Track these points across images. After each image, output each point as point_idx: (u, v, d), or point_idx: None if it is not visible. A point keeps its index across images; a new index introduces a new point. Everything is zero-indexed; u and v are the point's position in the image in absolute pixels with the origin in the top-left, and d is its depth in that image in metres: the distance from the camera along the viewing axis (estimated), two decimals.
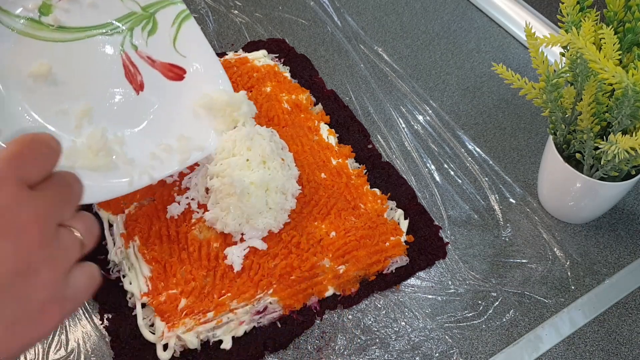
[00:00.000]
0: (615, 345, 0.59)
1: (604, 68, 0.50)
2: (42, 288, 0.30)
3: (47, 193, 0.31)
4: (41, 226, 0.29)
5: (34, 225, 0.29)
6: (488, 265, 0.64)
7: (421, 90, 0.82)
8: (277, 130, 0.72)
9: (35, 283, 0.29)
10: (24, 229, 0.29)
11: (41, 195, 0.30)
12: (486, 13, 0.94)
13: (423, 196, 0.70)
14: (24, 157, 0.30)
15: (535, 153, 0.75)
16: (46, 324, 0.30)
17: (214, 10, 0.92)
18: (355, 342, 0.58)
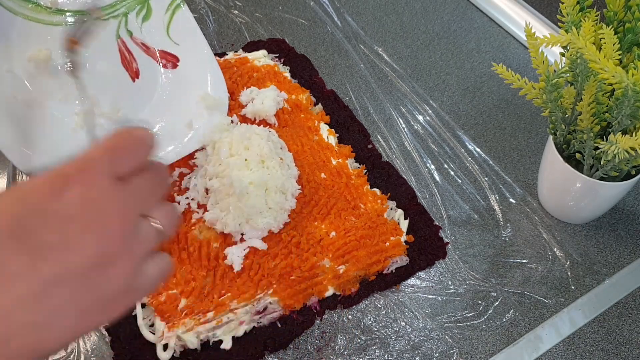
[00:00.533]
0: (615, 345, 0.59)
1: (604, 68, 0.50)
2: (117, 279, 0.30)
3: (135, 186, 0.31)
4: (125, 220, 0.30)
5: (118, 219, 0.30)
6: (488, 265, 0.64)
7: (421, 90, 0.82)
8: (277, 131, 0.72)
9: (111, 274, 0.30)
10: (108, 223, 0.30)
11: (130, 188, 0.31)
12: (486, 13, 0.94)
13: (423, 196, 0.70)
14: (118, 151, 0.31)
15: (535, 153, 0.75)
16: (113, 312, 0.31)
17: (214, 10, 0.92)
18: (355, 342, 0.58)
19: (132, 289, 0.32)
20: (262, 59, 0.81)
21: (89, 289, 0.30)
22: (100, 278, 0.30)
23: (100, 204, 0.29)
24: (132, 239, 0.31)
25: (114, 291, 0.31)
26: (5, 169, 0.70)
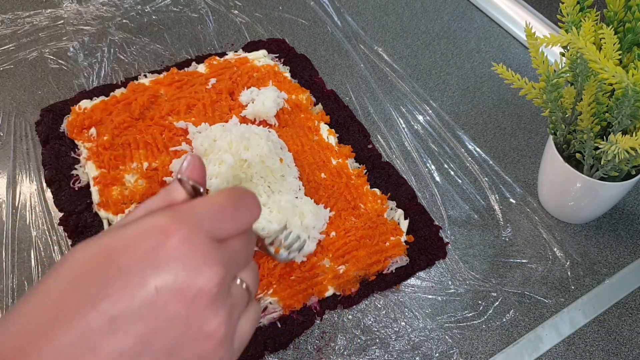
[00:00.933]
0: (615, 345, 0.59)
1: (604, 68, 0.50)
2: (210, 351, 0.28)
3: (232, 247, 0.29)
4: (220, 287, 0.28)
5: (212, 286, 0.27)
6: (488, 265, 0.64)
7: (421, 90, 0.82)
8: (277, 131, 0.72)
9: (203, 345, 0.28)
10: (202, 292, 0.27)
11: (227, 250, 0.29)
12: (486, 13, 0.94)
13: (423, 196, 0.70)
14: (228, 213, 0.29)
15: (535, 153, 0.75)
16: None
17: (214, 10, 0.92)
18: (355, 342, 0.58)
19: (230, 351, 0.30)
20: (262, 59, 0.81)
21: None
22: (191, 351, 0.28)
23: (196, 266, 0.27)
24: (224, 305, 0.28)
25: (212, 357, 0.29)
26: (6, 169, 0.70)
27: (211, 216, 0.28)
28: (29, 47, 0.84)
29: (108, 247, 0.27)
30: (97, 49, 0.84)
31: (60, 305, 0.26)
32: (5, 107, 0.76)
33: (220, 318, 0.28)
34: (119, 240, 0.27)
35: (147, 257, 0.26)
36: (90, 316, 0.25)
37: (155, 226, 0.26)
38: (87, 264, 0.26)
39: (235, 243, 0.30)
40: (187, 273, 0.26)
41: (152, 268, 0.26)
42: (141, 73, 0.80)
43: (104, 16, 0.89)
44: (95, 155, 0.68)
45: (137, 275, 0.26)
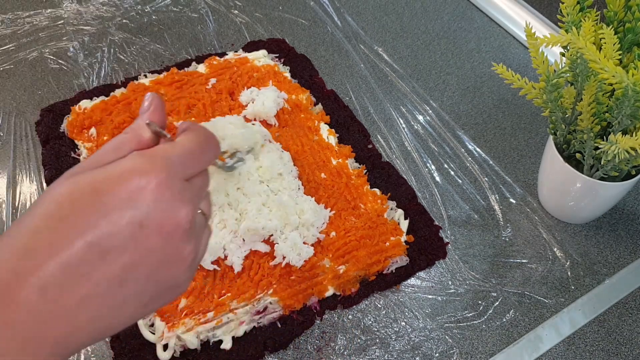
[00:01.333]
0: (615, 345, 0.59)
1: (604, 68, 0.50)
2: (182, 273, 0.32)
3: (197, 185, 0.33)
4: (191, 222, 0.31)
5: (185, 222, 0.31)
6: (488, 265, 0.64)
7: (421, 90, 0.82)
8: (277, 131, 0.72)
9: (176, 269, 0.31)
10: (177, 227, 0.31)
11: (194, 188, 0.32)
12: (486, 13, 0.94)
13: (423, 196, 0.70)
14: (196, 157, 0.33)
15: (535, 153, 0.75)
16: (175, 296, 0.33)
17: (214, 10, 0.92)
18: (355, 342, 0.58)
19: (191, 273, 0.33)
20: (262, 59, 0.81)
21: (154, 286, 0.31)
22: (165, 275, 0.31)
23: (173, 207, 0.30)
24: (194, 236, 0.32)
25: (179, 281, 0.32)
26: (6, 169, 0.70)
27: (183, 161, 0.32)
28: (29, 47, 0.84)
29: (93, 185, 0.29)
30: (97, 49, 0.84)
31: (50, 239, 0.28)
32: (5, 107, 0.76)
33: (190, 247, 0.32)
34: (104, 179, 0.30)
35: (131, 197, 0.29)
36: (80, 248, 0.28)
37: (137, 170, 0.30)
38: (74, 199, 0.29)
39: (198, 180, 0.34)
40: (165, 212, 0.30)
41: (135, 207, 0.29)
42: (141, 73, 0.80)
43: (104, 16, 0.89)
44: None
45: (122, 212, 0.29)
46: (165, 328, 0.55)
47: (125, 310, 0.30)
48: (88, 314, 0.29)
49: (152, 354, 0.55)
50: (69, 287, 0.28)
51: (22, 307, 0.27)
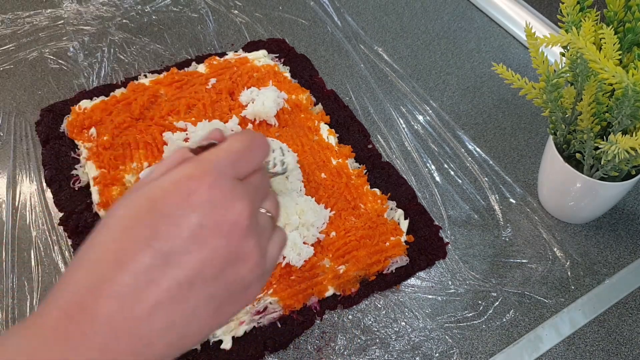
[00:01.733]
0: (615, 345, 0.59)
1: (604, 68, 0.50)
2: (248, 272, 0.32)
3: (252, 183, 0.34)
4: (249, 218, 0.32)
5: (243, 219, 0.31)
6: (488, 265, 0.64)
7: (421, 90, 0.82)
8: (277, 131, 0.72)
9: (242, 269, 0.32)
10: (236, 224, 0.31)
11: (249, 186, 0.33)
12: (486, 13, 0.94)
13: (423, 196, 0.70)
14: (244, 156, 0.33)
15: (535, 153, 0.75)
16: (248, 300, 0.33)
17: (214, 10, 0.92)
18: (355, 342, 0.58)
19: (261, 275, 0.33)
20: (262, 59, 0.81)
21: (223, 287, 0.31)
22: (232, 275, 0.31)
23: (226, 207, 0.31)
24: (255, 232, 0.32)
25: (247, 282, 0.32)
26: (6, 169, 0.70)
27: (231, 161, 0.32)
28: (29, 47, 0.84)
29: (149, 196, 0.31)
30: (97, 49, 0.84)
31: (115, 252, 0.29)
32: (5, 107, 0.76)
33: (252, 243, 0.32)
34: (158, 190, 0.31)
35: (185, 201, 0.30)
36: (146, 256, 0.29)
37: (187, 176, 0.31)
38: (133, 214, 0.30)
39: (254, 179, 0.34)
40: (220, 210, 0.31)
41: (191, 210, 0.30)
42: (141, 73, 0.80)
43: (104, 16, 0.89)
44: (95, 155, 0.68)
45: (179, 218, 0.30)
46: None
47: (198, 316, 0.30)
48: (162, 321, 0.29)
49: None
50: (140, 295, 0.28)
51: (98, 319, 0.28)
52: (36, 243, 0.63)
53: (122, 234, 0.30)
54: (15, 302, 0.59)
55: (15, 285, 0.60)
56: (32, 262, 0.62)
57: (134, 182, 0.66)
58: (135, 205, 0.31)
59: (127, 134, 0.70)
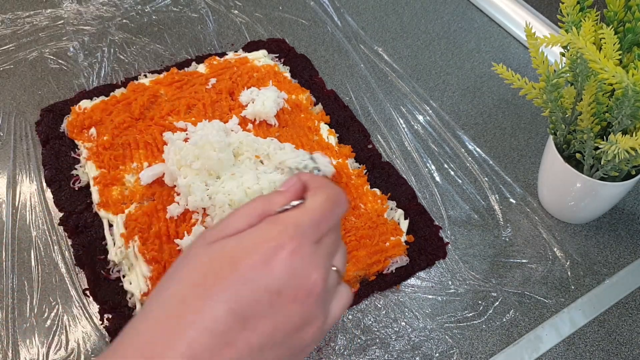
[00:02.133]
0: (615, 345, 0.59)
1: (604, 68, 0.50)
2: (312, 335, 0.33)
3: (327, 245, 0.34)
4: (323, 286, 0.32)
5: (318, 287, 0.32)
6: (488, 265, 0.64)
7: (421, 90, 0.82)
8: (277, 131, 0.72)
9: (307, 333, 0.32)
10: (311, 292, 0.32)
11: (325, 248, 0.33)
12: (486, 13, 0.94)
13: (423, 196, 0.70)
14: (326, 217, 0.33)
15: (535, 153, 0.75)
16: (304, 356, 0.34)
17: (214, 10, 0.92)
18: (355, 342, 0.58)
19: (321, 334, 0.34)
20: (262, 59, 0.81)
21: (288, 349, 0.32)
22: (299, 339, 0.32)
23: (305, 272, 0.31)
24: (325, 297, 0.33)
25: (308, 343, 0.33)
26: (6, 169, 0.70)
27: (314, 225, 0.33)
28: (29, 47, 0.84)
29: (231, 254, 0.31)
30: (97, 49, 0.84)
31: (194, 309, 0.29)
32: (5, 107, 0.76)
33: (321, 308, 0.33)
34: (240, 248, 0.31)
35: (267, 266, 0.30)
36: (224, 314, 0.29)
37: (270, 239, 0.31)
38: (214, 268, 0.31)
39: (329, 238, 0.34)
40: (299, 279, 0.31)
41: (271, 276, 0.30)
42: (141, 73, 0.80)
43: (104, 16, 0.89)
44: (95, 155, 0.68)
45: (260, 281, 0.30)
46: None
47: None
48: None
49: None
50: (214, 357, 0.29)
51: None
52: (36, 243, 0.63)
53: (202, 290, 0.30)
54: (15, 302, 0.59)
55: (15, 285, 0.60)
56: (32, 262, 0.62)
57: (134, 182, 0.66)
58: (217, 260, 0.31)
59: (127, 134, 0.70)
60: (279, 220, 0.32)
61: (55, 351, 0.56)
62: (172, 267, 0.32)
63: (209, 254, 0.31)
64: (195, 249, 0.32)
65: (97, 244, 0.62)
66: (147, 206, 0.64)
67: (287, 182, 0.36)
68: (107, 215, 0.64)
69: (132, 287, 0.58)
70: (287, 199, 0.35)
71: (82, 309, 0.59)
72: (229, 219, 0.34)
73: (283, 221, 0.32)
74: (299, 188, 0.35)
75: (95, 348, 0.56)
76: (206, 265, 0.31)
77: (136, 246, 0.60)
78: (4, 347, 0.56)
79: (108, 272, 0.60)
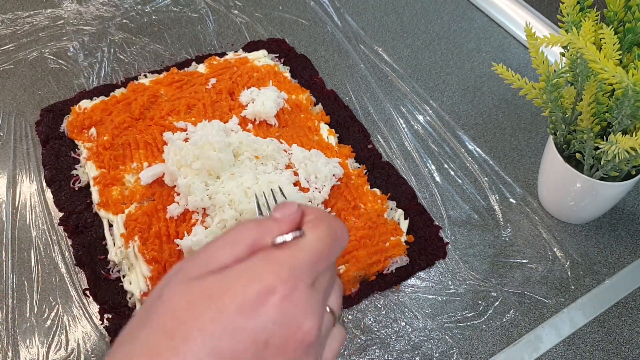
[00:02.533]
0: (615, 345, 0.59)
1: (604, 68, 0.50)
2: None
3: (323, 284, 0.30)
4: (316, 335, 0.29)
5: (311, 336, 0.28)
6: (488, 265, 0.64)
7: (421, 90, 0.82)
8: (277, 131, 0.72)
9: None
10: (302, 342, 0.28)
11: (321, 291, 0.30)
12: (486, 13, 0.94)
13: (423, 196, 0.70)
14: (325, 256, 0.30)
15: (535, 153, 0.75)
16: None
17: (214, 10, 0.92)
18: (355, 342, 0.58)
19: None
20: (262, 59, 0.81)
21: None
22: None
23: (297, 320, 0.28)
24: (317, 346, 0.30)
25: None
26: (6, 169, 0.70)
27: (311, 266, 0.29)
28: (29, 47, 0.84)
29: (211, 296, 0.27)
30: (97, 49, 0.84)
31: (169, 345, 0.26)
32: (5, 107, 0.76)
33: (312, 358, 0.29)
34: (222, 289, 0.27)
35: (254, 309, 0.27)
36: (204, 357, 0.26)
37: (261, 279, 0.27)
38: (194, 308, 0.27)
39: (325, 277, 0.31)
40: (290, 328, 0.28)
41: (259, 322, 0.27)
42: (141, 73, 0.80)
43: (104, 16, 0.89)
44: (95, 155, 0.68)
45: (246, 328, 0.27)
46: None
47: None
48: None
49: None
50: None
51: None
52: (36, 243, 0.63)
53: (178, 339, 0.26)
54: (15, 302, 0.59)
55: (15, 285, 0.60)
56: (32, 262, 0.62)
57: (134, 182, 0.66)
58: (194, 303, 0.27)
59: (127, 134, 0.70)
60: (273, 257, 0.28)
61: (55, 351, 0.56)
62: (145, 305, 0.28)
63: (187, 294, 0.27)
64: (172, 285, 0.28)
65: (97, 244, 0.62)
66: (147, 206, 0.64)
67: (283, 209, 0.31)
68: (107, 215, 0.64)
69: (132, 287, 0.58)
70: (282, 230, 0.30)
71: (82, 309, 0.59)
72: (212, 247, 0.29)
73: (277, 259, 0.28)
74: (296, 218, 0.31)
75: (95, 348, 0.56)
76: (183, 308, 0.27)
77: (136, 246, 0.60)
78: (4, 347, 0.56)
79: (108, 272, 0.60)
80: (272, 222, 0.30)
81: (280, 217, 0.31)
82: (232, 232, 0.30)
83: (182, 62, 0.82)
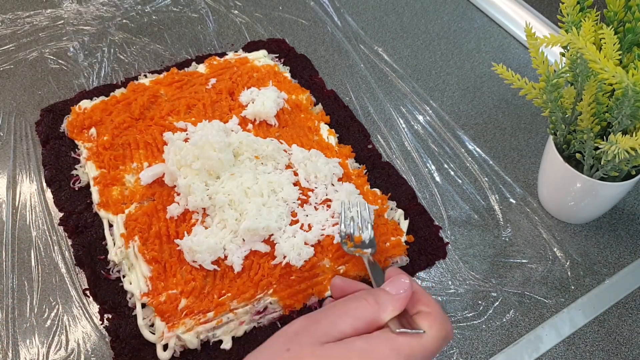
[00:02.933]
0: (615, 345, 0.59)
1: (604, 68, 0.50)
2: None
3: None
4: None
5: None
6: (488, 266, 0.64)
7: (421, 90, 0.82)
8: (277, 131, 0.72)
9: None
10: None
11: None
12: (486, 13, 0.94)
13: (423, 196, 0.70)
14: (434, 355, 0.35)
15: (535, 153, 0.75)
16: None
17: (214, 10, 0.92)
18: None
19: None
20: (262, 59, 0.81)
21: None
22: None
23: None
24: None
25: None
26: (6, 169, 0.70)
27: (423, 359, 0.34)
28: (29, 47, 0.84)
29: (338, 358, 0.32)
30: (97, 49, 0.84)
31: None
32: (5, 107, 0.76)
33: None
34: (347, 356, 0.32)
35: None
36: None
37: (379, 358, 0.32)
38: None
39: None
40: None
41: None
42: (141, 73, 0.80)
43: (104, 16, 0.89)
44: (95, 155, 0.68)
45: None
46: (165, 328, 0.55)
47: None
48: None
49: (152, 354, 0.55)
50: None
51: None
52: (36, 243, 0.63)
53: None
54: (15, 302, 0.59)
55: (15, 285, 0.60)
56: (32, 262, 0.62)
57: (134, 182, 0.66)
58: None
59: (127, 134, 0.70)
60: (394, 344, 0.33)
61: (55, 351, 0.56)
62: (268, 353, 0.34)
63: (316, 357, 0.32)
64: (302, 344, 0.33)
65: (97, 244, 0.62)
66: (147, 206, 0.64)
67: (395, 285, 0.36)
68: (107, 215, 0.64)
69: (132, 287, 0.58)
70: (396, 307, 0.35)
71: (82, 309, 0.59)
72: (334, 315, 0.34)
73: (397, 347, 0.33)
74: (408, 296, 0.36)
75: (96, 348, 0.56)
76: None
77: (136, 246, 0.60)
78: (4, 347, 0.56)
79: (108, 272, 0.60)
80: (385, 295, 0.36)
81: (393, 291, 0.36)
82: (352, 304, 0.35)
83: (182, 62, 0.82)
